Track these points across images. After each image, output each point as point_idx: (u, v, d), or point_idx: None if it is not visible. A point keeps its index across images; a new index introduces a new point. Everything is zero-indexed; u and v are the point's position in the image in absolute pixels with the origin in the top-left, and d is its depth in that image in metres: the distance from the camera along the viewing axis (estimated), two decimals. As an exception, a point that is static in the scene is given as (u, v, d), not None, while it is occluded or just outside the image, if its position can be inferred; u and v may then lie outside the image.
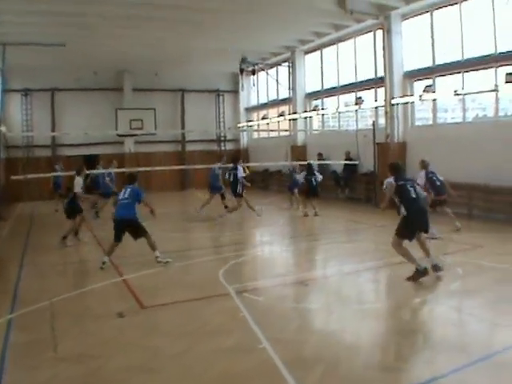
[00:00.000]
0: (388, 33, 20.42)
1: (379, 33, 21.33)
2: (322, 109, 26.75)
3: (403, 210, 9.36)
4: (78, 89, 30.48)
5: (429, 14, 19.54)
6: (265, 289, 9.31)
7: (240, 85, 30.24)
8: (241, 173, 17.86)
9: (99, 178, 20.20)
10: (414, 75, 20.67)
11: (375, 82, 22.69)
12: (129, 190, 11.43)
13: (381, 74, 21.59)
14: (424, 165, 14.20)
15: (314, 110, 26.82)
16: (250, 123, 35.00)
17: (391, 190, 9.56)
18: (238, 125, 35.42)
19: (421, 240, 9.59)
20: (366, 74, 23.41)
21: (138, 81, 31.76)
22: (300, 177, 19.46)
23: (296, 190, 20.41)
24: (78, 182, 14.13)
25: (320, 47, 26.66)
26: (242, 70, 27.99)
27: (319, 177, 18.76)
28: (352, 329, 7.29)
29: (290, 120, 28.99)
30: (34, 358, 6.31)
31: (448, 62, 18.99)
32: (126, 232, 11.20)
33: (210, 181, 20.18)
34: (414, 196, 9.44)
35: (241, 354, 6.24)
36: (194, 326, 7.29)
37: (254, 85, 30.46)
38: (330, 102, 26.58)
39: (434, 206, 13.78)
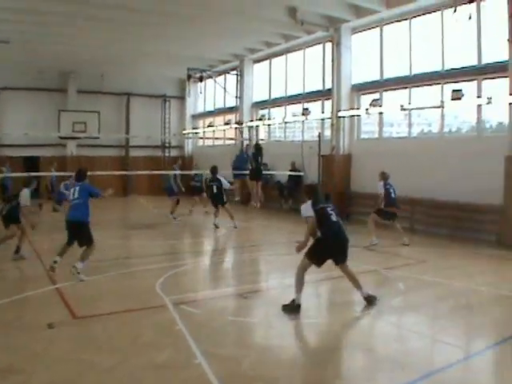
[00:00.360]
0: (337, 45, 20.45)
1: (328, 45, 21.36)
2: (269, 119, 26.56)
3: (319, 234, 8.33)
4: (21, 88, 29.58)
5: (378, 28, 19.66)
6: (203, 301, 8.98)
7: (187, 91, 29.94)
8: (226, 184, 17.79)
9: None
10: (361, 89, 20.77)
11: (323, 94, 22.68)
12: (77, 188, 10.57)
13: (329, 86, 21.58)
14: (384, 176, 14.52)
15: (260, 119, 26.63)
16: (196, 130, 34.57)
17: (313, 221, 8.29)
18: (184, 132, 34.94)
19: (347, 270, 8.50)
20: (314, 85, 23.40)
21: (83, 82, 30.90)
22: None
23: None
24: (26, 195, 12.93)
25: (269, 57, 26.55)
26: (189, 77, 27.71)
27: (226, 184, 17.94)
28: (292, 344, 7.05)
29: (235, 129, 28.72)
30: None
31: (395, 76, 19.16)
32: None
33: (167, 185, 20.51)
34: (334, 220, 8.37)
35: (174, 369, 5.89)
36: (128, 338, 6.89)
37: (201, 92, 30.15)
38: (277, 113, 26.44)
39: (382, 215, 14.27)
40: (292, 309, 8.07)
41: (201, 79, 28.27)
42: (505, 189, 14.63)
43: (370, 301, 8.31)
